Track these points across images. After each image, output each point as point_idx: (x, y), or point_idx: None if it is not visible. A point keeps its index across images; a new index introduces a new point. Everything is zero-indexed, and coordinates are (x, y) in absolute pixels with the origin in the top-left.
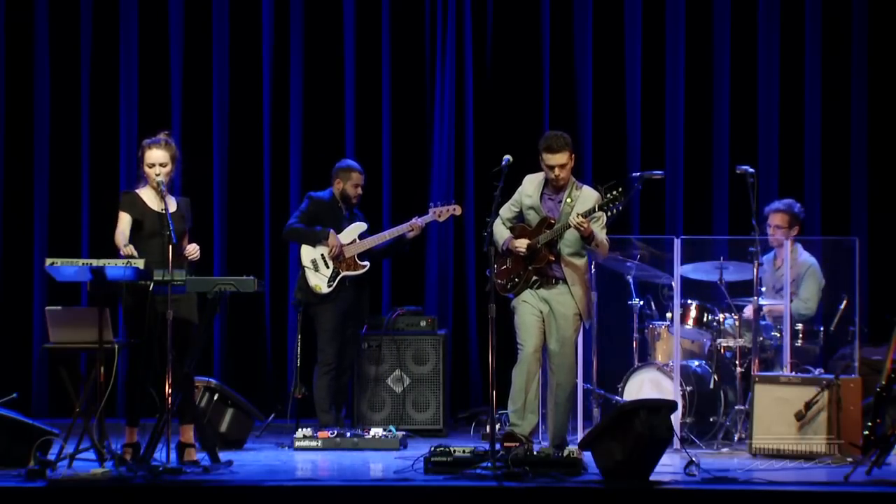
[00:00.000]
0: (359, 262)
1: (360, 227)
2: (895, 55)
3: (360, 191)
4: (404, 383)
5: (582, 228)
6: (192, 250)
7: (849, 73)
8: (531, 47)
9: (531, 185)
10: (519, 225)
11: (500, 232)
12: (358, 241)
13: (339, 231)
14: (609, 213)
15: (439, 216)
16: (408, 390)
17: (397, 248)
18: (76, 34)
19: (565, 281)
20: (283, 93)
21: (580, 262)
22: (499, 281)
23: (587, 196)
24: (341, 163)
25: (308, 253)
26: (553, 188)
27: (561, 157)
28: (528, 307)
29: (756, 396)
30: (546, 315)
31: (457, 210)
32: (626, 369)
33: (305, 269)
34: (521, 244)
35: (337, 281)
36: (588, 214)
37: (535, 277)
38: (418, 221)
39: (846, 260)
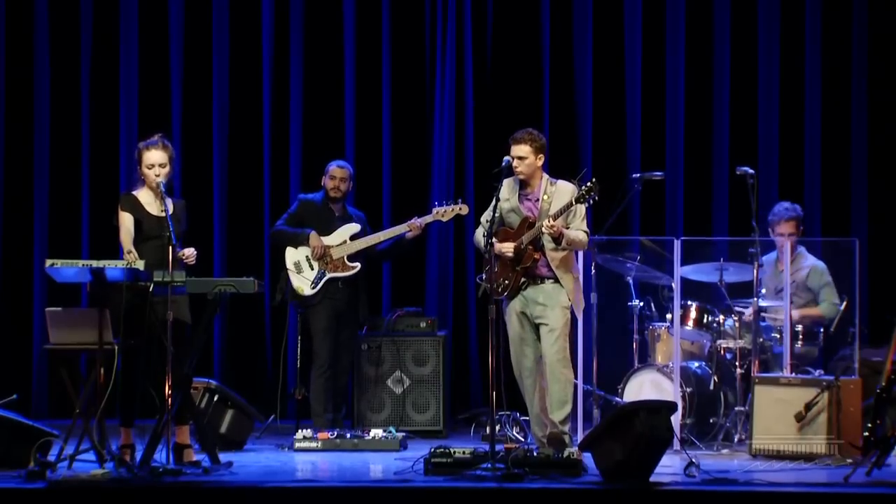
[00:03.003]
0: (348, 263)
1: (352, 228)
2: (895, 55)
3: (336, 184)
4: (404, 384)
5: (552, 232)
6: (190, 254)
7: (849, 74)
8: (531, 47)
9: (507, 189)
10: (501, 228)
11: (481, 237)
12: (349, 242)
13: (328, 232)
14: (587, 204)
15: (442, 216)
16: (408, 391)
17: (398, 249)
18: (76, 34)
19: (554, 278)
20: (283, 93)
21: (564, 254)
22: (489, 285)
23: (563, 191)
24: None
25: (291, 255)
26: (527, 186)
27: (519, 149)
28: (516, 320)
29: (756, 397)
30: (534, 314)
31: (463, 209)
32: (627, 370)
33: (288, 271)
34: (508, 247)
35: (323, 282)
36: (561, 213)
37: (523, 278)
38: (417, 221)
39: (846, 260)
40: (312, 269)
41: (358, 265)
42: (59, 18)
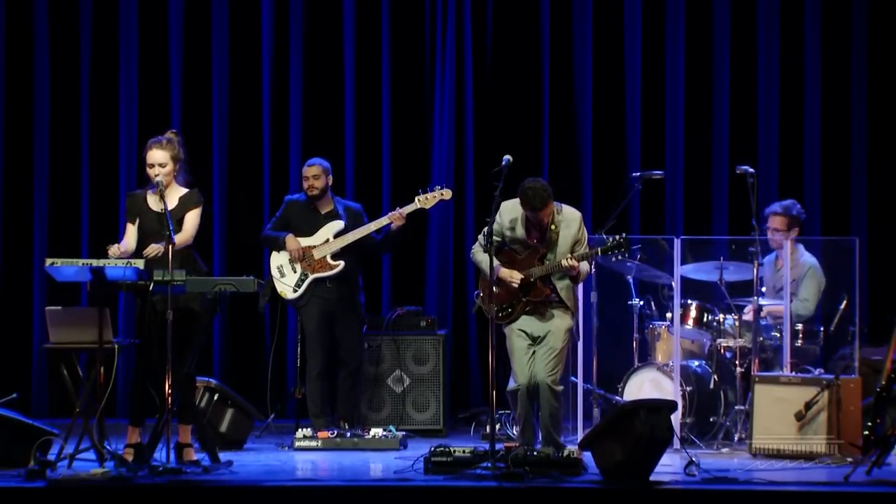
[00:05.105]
0: (330, 262)
1: (335, 226)
2: (895, 55)
3: (310, 182)
4: (404, 383)
5: (573, 271)
6: (150, 250)
7: (849, 74)
8: (531, 47)
9: (510, 217)
10: (506, 251)
11: (485, 259)
12: (332, 240)
13: (313, 232)
14: (613, 259)
15: (425, 203)
16: (408, 390)
17: (390, 242)
18: (76, 34)
19: (560, 302)
20: (283, 93)
21: (569, 281)
22: (491, 308)
23: (570, 218)
24: None
25: (275, 260)
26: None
27: (546, 212)
28: (518, 333)
29: (756, 396)
30: (537, 332)
31: (446, 194)
32: (626, 369)
33: (272, 276)
34: (515, 277)
35: (307, 284)
36: (584, 258)
37: (528, 307)
38: (398, 211)
39: (846, 260)
40: (295, 272)
41: (341, 263)
42: (59, 18)
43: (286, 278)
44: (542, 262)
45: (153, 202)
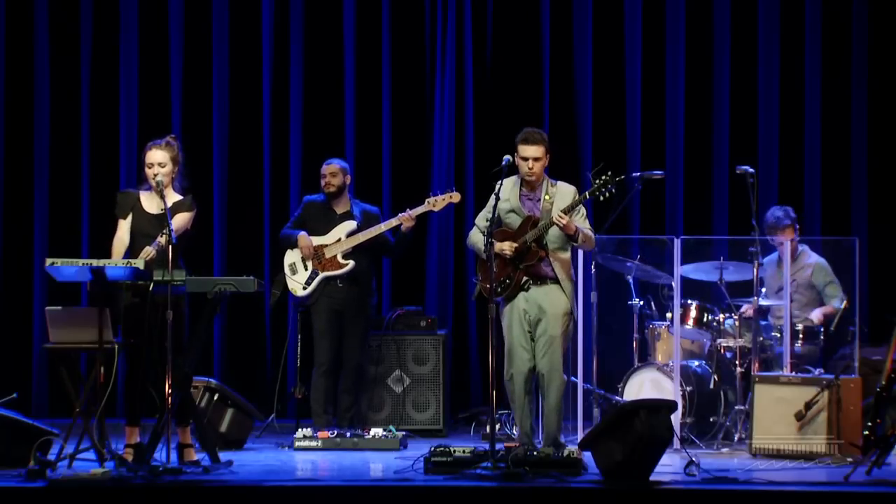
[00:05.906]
0: (340, 261)
1: (347, 226)
2: (895, 55)
3: (327, 180)
4: (404, 383)
5: (563, 224)
6: (144, 254)
7: (849, 73)
8: (531, 47)
9: (507, 188)
10: (498, 230)
11: (480, 239)
12: (343, 239)
13: (327, 231)
14: (602, 198)
15: (434, 205)
16: (408, 390)
17: (403, 243)
18: (76, 34)
19: (556, 279)
20: (283, 93)
21: (567, 256)
22: (487, 285)
23: (564, 191)
24: None
25: (289, 257)
26: (529, 187)
27: (536, 150)
28: (517, 317)
29: (756, 396)
30: (535, 316)
31: (454, 197)
32: (627, 369)
33: (285, 273)
34: (508, 247)
35: (316, 283)
36: (570, 210)
37: (525, 277)
38: (408, 213)
39: (846, 260)
40: (306, 269)
41: (351, 263)
42: (59, 18)
43: (297, 275)
44: (535, 227)
45: (147, 203)
